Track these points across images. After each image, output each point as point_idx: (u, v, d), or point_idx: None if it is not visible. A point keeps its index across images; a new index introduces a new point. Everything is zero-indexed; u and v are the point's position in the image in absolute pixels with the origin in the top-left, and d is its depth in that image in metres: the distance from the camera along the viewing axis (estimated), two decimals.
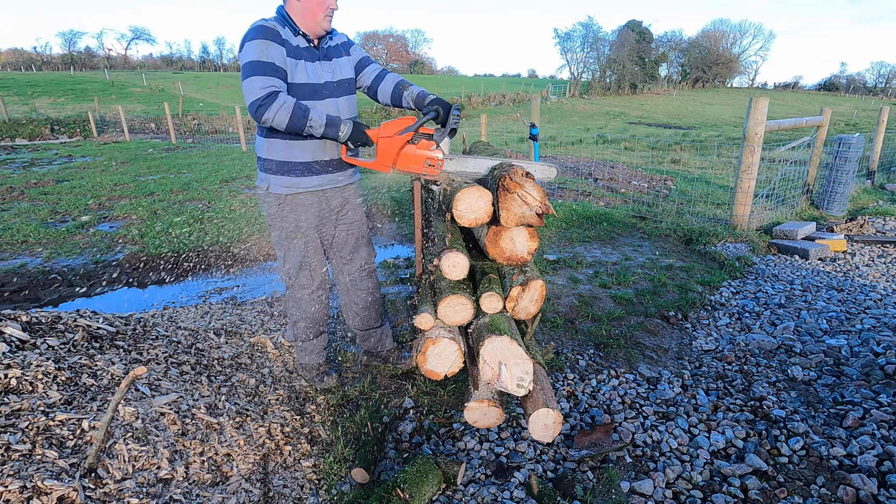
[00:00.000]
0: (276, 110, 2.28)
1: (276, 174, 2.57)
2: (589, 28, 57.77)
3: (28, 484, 1.64)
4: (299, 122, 2.32)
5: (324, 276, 2.87)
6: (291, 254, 2.75)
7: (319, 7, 2.42)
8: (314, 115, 2.34)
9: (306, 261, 2.76)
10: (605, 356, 3.43)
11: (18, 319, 2.51)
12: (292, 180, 2.57)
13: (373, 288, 3.10)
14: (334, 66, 2.61)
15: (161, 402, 2.27)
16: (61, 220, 7.12)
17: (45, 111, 26.02)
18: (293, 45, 2.43)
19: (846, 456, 2.40)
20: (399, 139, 2.33)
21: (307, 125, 2.33)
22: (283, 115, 2.29)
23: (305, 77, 2.46)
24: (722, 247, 5.59)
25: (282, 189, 2.59)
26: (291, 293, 2.87)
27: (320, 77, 2.52)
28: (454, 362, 2.26)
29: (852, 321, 3.81)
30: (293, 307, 2.90)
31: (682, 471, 2.38)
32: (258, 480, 2.18)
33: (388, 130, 2.34)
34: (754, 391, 2.96)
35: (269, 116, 2.29)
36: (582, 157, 13.10)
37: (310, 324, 2.91)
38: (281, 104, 2.28)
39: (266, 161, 2.58)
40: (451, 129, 2.38)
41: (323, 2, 2.42)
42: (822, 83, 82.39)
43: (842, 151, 7.05)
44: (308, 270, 2.78)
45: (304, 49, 2.48)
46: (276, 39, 2.35)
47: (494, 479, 2.36)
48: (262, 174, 2.65)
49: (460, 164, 2.46)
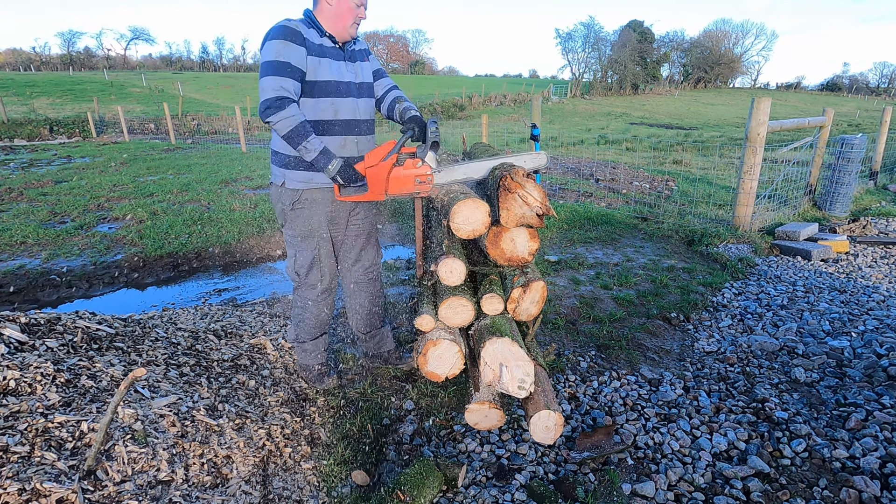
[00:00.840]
0: (282, 117, 2.33)
1: (294, 169, 2.57)
2: (590, 28, 57.74)
3: (27, 486, 1.63)
4: (297, 139, 2.37)
5: (332, 277, 2.86)
6: (303, 252, 2.73)
7: (350, 14, 2.50)
8: (313, 140, 2.39)
9: (317, 260, 2.75)
10: (606, 358, 3.42)
11: (17, 321, 2.51)
12: (310, 175, 2.57)
13: (377, 290, 3.11)
14: (357, 68, 2.66)
15: (160, 404, 2.26)
16: (60, 221, 7.10)
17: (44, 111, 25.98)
18: (317, 44, 2.47)
19: (849, 458, 2.38)
20: (384, 165, 2.38)
21: (302, 145, 2.38)
22: (286, 125, 2.34)
23: (329, 74, 2.50)
24: (724, 248, 5.58)
25: (298, 184, 2.59)
26: (299, 292, 2.86)
27: (344, 76, 2.57)
28: (455, 364, 2.26)
29: (855, 322, 3.80)
30: (299, 306, 2.89)
31: (683, 473, 2.37)
32: (258, 483, 2.17)
33: (372, 160, 2.39)
34: (756, 393, 2.95)
35: (274, 120, 2.33)
36: (583, 157, 13.10)
37: (313, 325, 2.90)
38: (289, 115, 2.33)
39: (283, 156, 2.58)
40: (432, 143, 2.41)
41: (353, 10, 2.50)
42: (824, 83, 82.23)
43: (844, 152, 7.03)
44: (318, 270, 2.77)
45: (328, 48, 2.53)
46: (296, 40, 2.38)
47: (495, 481, 2.35)
48: (277, 170, 2.64)
49: (450, 173, 2.47)
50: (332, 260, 2.82)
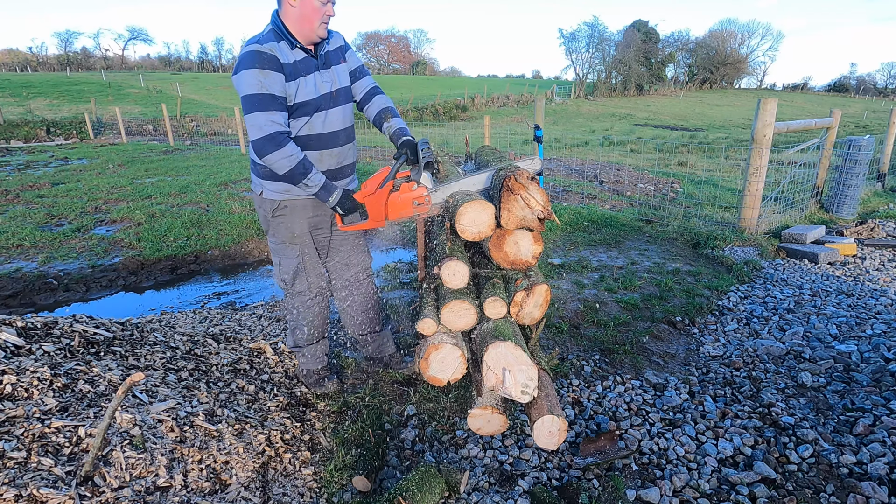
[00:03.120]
0: (282, 156, 2.29)
1: (271, 180, 2.55)
2: (594, 28, 57.71)
3: (23, 492, 1.62)
4: (298, 177, 2.35)
5: (321, 282, 2.84)
6: (287, 260, 2.73)
7: (316, 14, 2.36)
8: (314, 176, 2.38)
9: (302, 267, 2.74)
10: (610, 362, 3.39)
11: (14, 325, 2.50)
12: (287, 186, 2.54)
13: (370, 292, 3.09)
14: (333, 74, 2.57)
15: (159, 409, 2.24)
16: (57, 223, 7.07)
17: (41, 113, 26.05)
18: (291, 63, 2.38)
19: (856, 464, 2.36)
20: (381, 192, 2.41)
21: (303, 182, 2.37)
22: (286, 164, 2.31)
23: (305, 94, 2.43)
24: (730, 251, 5.54)
25: (275, 195, 2.58)
26: (288, 299, 2.86)
27: (320, 89, 2.49)
28: (457, 368, 2.24)
29: (862, 326, 3.76)
30: (292, 314, 2.88)
31: (689, 479, 2.34)
32: (257, 488, 2.15)
33: (369, 188, 2.42)
34: (763, 398, 2.91)
35: (274, 159, 2.30)
36: (587, 159, 13.07)
37: (309, 330, 2.89)
38: (289, 154, 2.30)
39: (260, 166, 2.54)
40: (426, 164, 2.42)
41: (319, 9, 2.36)
42: (831, 84, 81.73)
43: (852, 154, 6.98)
44: (304, 277, 2.76)
45: (301, 62, 2.42)
46: (273, 66, 2.30)
47: (498, 487, 2.32)
48: (255, 179, 2.63)
49: (446, 190, 2.45)
50: (319, 266, 2.80)
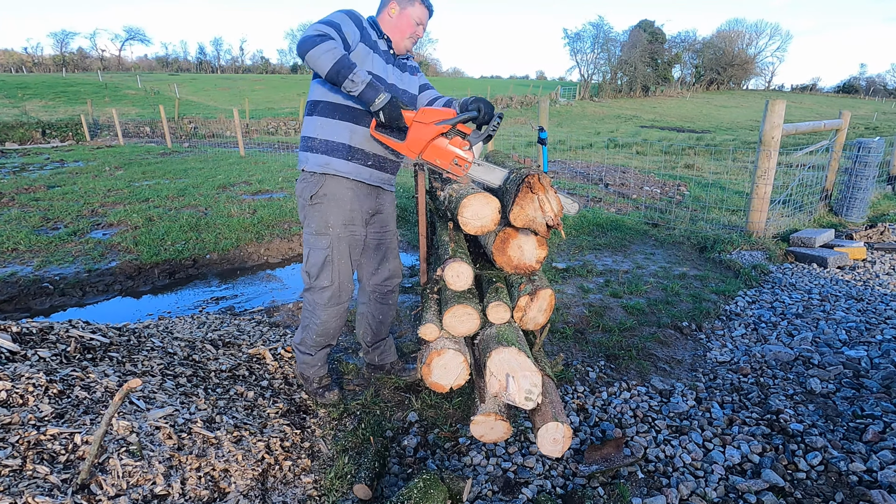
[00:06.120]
0: (324, 50, 2.22)
1: (316, 152, 2.58)
2: (599, 28, 57.74)
3: (19, 501, 1.61)
4: (343, 71, 2.24)
5: (349, 285, 2.78)
6: (315, 252, 2.68)
7: (408, 28, 2.61)
8: (360, 72, 2.29)
9: (329, 260, 2.68)
10: (616, 368, 3.35)
11: (8, 330, 2.48)
12: (328, 159, 2.57)
13: (393, 304, 3.10)
14: (403, 77, 2.73)
15: (156, 416, 2.22)
16: (53, 227, 7.01)
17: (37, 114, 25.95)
18: (373, 40, 2.53)
19: (866, 471, 2.32)
20: (434, 129, 2.27)
21: (349, 78, 2.26)
22: (328, 58, 2.23)
23: (375, 69, 2.52)
24: (737, 255, 5.49)
25: (317, 167, 2.59)
26: (308, 295, 2.78)
27: (389, 77, 2.61)
28: (460, 374, 2.21)
29: (872, 332, 3.71)
30: (308, 311, 2.81)
31: (696, 487, 2.31)
32: (257, 497, 2.12)
33: (425, 117, 2.29)
34: (771, 404, 2.87)
35: (315, 54, 2.22)
36: (592, 161, 13.04)
37: (318, 333, 2.81)
38: (331, 48, 2.24)
39: (310, 140, 2.61)
40: (487, 135, 2.34)
41: (412, 26, 2.61)
42: (840, 85, 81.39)
43: (861, 156, 6.91)
44: (330, 271, 2.69)
45: (382, 49, 2.59)
46: (358, 24, 2.45)
47: (501, 495, 2.30)
48: (301, 154, 2.66)
49: (486, 171, 2.37)
50: (348, 265, 2.74)
